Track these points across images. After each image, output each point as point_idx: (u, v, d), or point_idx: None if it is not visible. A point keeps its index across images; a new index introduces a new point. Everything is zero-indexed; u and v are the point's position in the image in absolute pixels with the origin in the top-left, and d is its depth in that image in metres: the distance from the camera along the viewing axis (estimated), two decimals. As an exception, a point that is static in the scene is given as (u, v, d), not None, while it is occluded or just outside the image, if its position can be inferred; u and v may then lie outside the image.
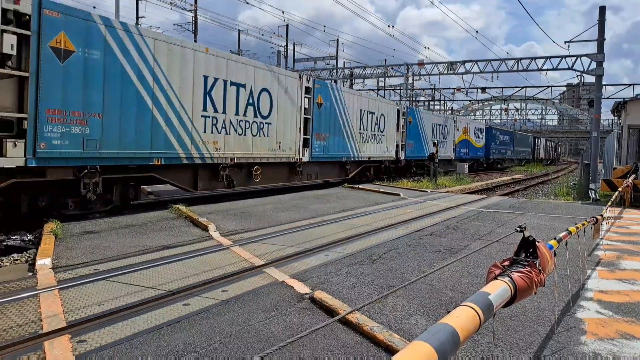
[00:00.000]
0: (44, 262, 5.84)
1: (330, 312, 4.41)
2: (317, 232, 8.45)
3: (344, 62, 43.76)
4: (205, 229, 8.28)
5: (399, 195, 15.06)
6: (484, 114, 79.85)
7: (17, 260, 6.73)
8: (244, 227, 8.70)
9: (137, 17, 29.51)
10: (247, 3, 28.50)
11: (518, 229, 2.64)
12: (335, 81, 35.56)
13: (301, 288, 5.11)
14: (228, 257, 6.50)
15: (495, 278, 2.26)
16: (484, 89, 36.90)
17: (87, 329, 3.95)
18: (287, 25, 38.72)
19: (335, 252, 6.91)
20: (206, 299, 4.74)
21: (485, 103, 67.27)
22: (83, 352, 3.53)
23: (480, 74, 30.69)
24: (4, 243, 7.63)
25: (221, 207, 10.96)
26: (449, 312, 1.88)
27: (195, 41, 29.08)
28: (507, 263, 2.44)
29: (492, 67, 29.94)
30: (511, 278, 2.23)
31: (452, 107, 61.32)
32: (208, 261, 6.22)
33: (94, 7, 37.14)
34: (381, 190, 16.15)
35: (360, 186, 17.11)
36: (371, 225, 9.31)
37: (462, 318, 1.72)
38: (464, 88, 37.59)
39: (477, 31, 43.20)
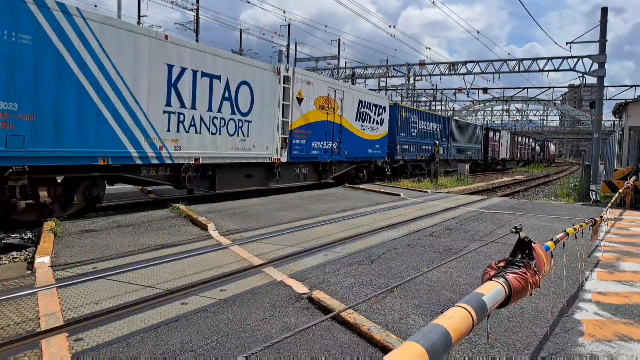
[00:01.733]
0: (42, 260, 5.85)
1: (328, 311, 4.41)
2: (317, 232, 8.45)
3: (345, 62, 43.84)
4: (204, 228, 8.29)
5: (399, 195, 15.06)
6: (485, 114, 79.91)
7: (16, 258, 6.74)
8: (243, 226, 8.71)
9: (139, 16, 29.51)
10: (249, 2, 28.52)
11: (514, 230, 2.63)
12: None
13: (299, 288, 5.11)
14: (227, 256, 6.50)
15: (490, 279, 2.25)
16: (485, 90, 36.97)
17: (85, 327, 3.96)
18: (288, 25, 38.78)
19: (334, 252, 6.91)
20: (204, 298, 4.74)
21: (487, 104, 67.25)
22: (80, 350, 3.54)
23: (481, 74, 30.75)
24: (3, 241, 7.64)
25: (221, 207, 10.97)
26: (442, 312, 1.88)
27: (197, 40, 29.06)
28: (502, 264, 2.44)
29: (494, 67, 29.97)
30: (506, 279, 2.23)
31: (453, 108, 61.30)
32: (207, 260, 6.22)
33: (95, 6, 37.15)
34: (381, 190, 16.16)
35: (361, 186, 17.16)
36: (371, 225, 9.31)
37: (454, 319, 1.72)
38: (465, 89, 37.64)
39: (478, 32, 43.29)
